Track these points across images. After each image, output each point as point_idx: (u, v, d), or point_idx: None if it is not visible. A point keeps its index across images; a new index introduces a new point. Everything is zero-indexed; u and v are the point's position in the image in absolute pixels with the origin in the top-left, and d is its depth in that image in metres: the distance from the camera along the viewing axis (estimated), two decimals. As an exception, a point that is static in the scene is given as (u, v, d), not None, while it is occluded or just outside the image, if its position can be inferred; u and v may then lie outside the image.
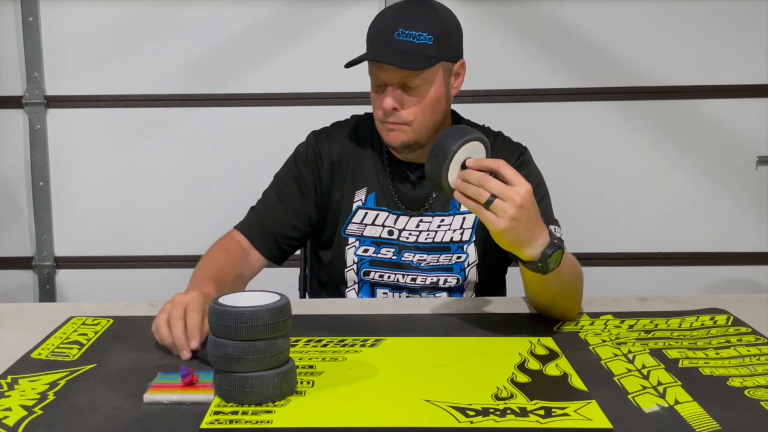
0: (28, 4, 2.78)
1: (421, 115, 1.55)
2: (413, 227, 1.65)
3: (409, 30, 1.49)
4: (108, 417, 1.07)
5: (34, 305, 2.54)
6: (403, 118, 1.54)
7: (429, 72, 1.52)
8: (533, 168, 1.69)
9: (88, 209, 2.89)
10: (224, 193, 2.80)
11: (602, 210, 2.81)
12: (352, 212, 1.66)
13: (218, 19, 2.77)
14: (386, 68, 1.51)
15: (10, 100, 2.82)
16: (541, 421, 1.04)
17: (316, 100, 2.74)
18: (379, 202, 1.66)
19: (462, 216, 1.65)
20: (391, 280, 1.66)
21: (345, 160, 1.67)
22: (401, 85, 1.53)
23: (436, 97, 1.55)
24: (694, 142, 2.78)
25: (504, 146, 1.68)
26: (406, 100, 1.54)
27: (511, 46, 2.73)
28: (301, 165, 1.68)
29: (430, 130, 1.58)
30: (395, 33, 1.49)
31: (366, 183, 1.66)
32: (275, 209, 1.67)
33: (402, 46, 1.49)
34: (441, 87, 1.56)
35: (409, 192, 1.66)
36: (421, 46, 1.50)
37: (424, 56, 1.50)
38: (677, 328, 1.41)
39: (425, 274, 1.65)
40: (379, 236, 1.65)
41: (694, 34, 2.72)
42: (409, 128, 1.56)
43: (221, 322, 1.09)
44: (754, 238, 2.82)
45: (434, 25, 1.52)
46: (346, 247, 1.66)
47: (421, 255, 1.65)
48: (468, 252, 1.64)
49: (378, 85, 1.56)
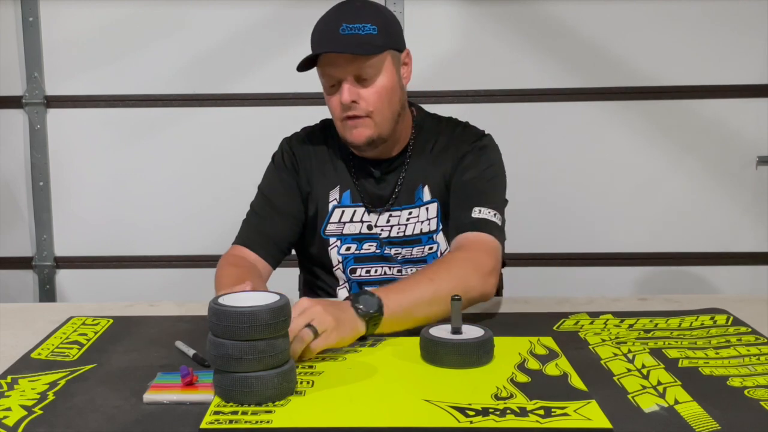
0: (28, 4, 2.78)
1: (379, 103, 1.57)
2: (384, 222, 1.67)
3: (353, 23, 1.52)
4: (108, 417, 1.07)
5: (34, 305, 2.54)
6: (363, 108, 1.56)
7: (379, 60, 1.55)
8: (490, 155, 1.68)
9: (88, 209, 2.89)
10: (224, 192, 2.80)
11: (602, 210, 2.81)
12: (329, 212, 1.68)
13: (218, 19, 2.77)
14: (338, 63, 1.53)
15: (10, 100, 2.82)
16: (540, 420, 1.04)
17: (316, 100, 2.71)
18: (354, 198, 1.68)
19: (425, 206, 1.66)
20: (378, 274, 1.67)
21: (317, 161, 1.70)
22: (355, 78, 1.54)
23: (390, 85, 1.57)
24: (694, 142, 2.78)
25: (464, 133, 1.71)
26: (363, 92, 1.56)
27: (512, 46, 2.73)
28: (282, 171, 1.70)
29: (389, 120, 1.60)
30: (339, 28, 1.51)
31: (338, 182, 1.69)
32: (271, 218, 1.68)
33: (349, 39, 1.51)
34: (393, 75, 1.58)
35: (373, 189, 1.68)
36: (367, 36, 1.52)
37: (371, 44, 1.53)
38: (677, 327, 1.41)
39: (405, 267, 1.67)
40: (359, 232, 1.68)
41: (694, 34, 2.72)
42: (370, 120, 1.57)
43: (221, 322, 1.09)
44: (754, 238, 2.82)
45: (375, 16, 1.55)
46: (329, 248, 1.68)
47: (396, 249, 1.67)
48: (438, 241, 1.67)
49: (332, 85, 1.57)
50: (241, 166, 2.78)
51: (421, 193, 1.67)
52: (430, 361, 1.24)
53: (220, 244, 1.74)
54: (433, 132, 1.70)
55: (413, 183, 1.67)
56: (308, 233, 1.70)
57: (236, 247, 1.67)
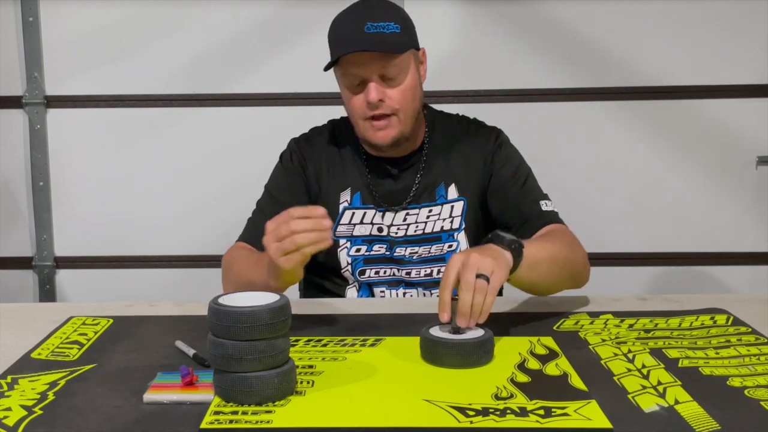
0: (28, 4, 2.77)
1: (404, 102, 1.57)
2: (400, 221, 1.67)
3: (377, 22, 1.52)
4: (108, 417, 1.07)
5: (34, 305, 2.54)
6: (389, 107, 1.56)
7: (404, 59, 1.55)
8: (511, 149, 1.73)
9: (88, 209, 2.88)
10: (224, 192, 2.80)
11: (602, 210, 2.81)
12: (339, 214, 1.67)
13: (218, 19, 2.77)
14: (363, 62, 1.52)
15: (10, 100, 2.82)
16: (540, 420, 1.04)
17: (316, 100, 2.73)
18: (365, 200, 1.67)
19: (450, 204, 1.67)
20: (387, 275, 1.67)
21: (327, 162, 1.70)
22: (380, 77, 1.54)
23: (413, 84, 1.58)
24: (694, 142, 2.78)
25: (479, 132, 1.72)
26: (388, 90, 1.56)
27: (511, 46, 2.73)
28: (290, 172, 1.70)
29: (412, 119, 1.61)
30: (364, 27, 1.51)
31: (349, 183, 1.68)
32: None
33: (375, 38, 1.51)
34: (415, 73, 1.59)
35: (391, 187, 1.68)
36: (392, 35, 1.52)
37: (398, 43, 1.53)
38: (677, 327, 1.41)
39: (419, 267, 1.66)
40: (370, 234, 1.67)
41: (694, 34, 2.71)
42: (396, 119, 1.57)
43: (221, 322, 1.09)
44: (754, 238, 2.82)
45: (397, 15, 1.56)
46: (338, 249, 1.67)
47: (412, 248, 1.66)
48: (459, 240, 1.66)
49: (356, 84, 1.56)
50: (241, 166, 2.79)
51: (443, 191, 1.67)
52: (430, 361, 1.24)
53: (220, 244, 1.74)
54: (446, 129, 1.71)
55: (433, 181, 1.67)
56: None
57: (240, 244, 1.66)
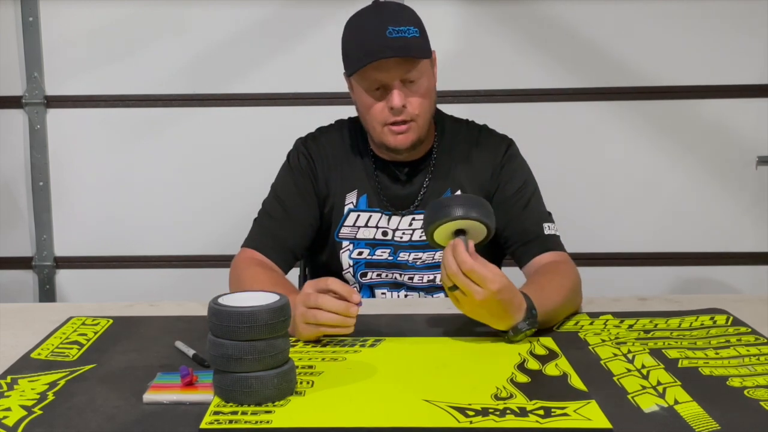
0: (28, 4, 2.77)
1: (423, 106, 1.56)
2: (406, 226, 1.65)
3: (399, 27, 1.51)
4: (108, 417, 1.07)
5: (34, 305, 2.54)
6: (410, 113, 1.55)
7: (424, 63, 1.54)
8: (521, 162, 1.70)
9: (88, 209, 2.89)
10: (224, 192, 2.80)
11: (602, 210, 2.81)
12: (344, 215, 1.66)
13: (218, 19, 2.77)
14: (386, 67, 1.51)
15: (10, 100, 2.82)
16: (540, 421, 1.04)
17: (316, 100, 2.74)
18: (371, 203, 1.66)
19: None
20: (389, 278, 1.66)
21: (334, 163, 1.68)
22: (402, 81, 1.53)
23: (431, 87, 1.58)
24: (694, 142, 2.78)
25: (489, 140, 1.70)
26: (410, 95, 1.54)
27: (511, 46, 2.73)
28: (297, 173, 1.67)
29: (428, 122, 1.61)
30: (386, 32, 1.50)
31: (356, 185, 1.66)
32: (285, 222, 1.63)
33: (399, 43, 1.50)
34: (432, 77, 1.58)
35: (399, 191, 1.66)
36: (413, 39, 1.51)
37: (421, 48, 1.53)
38: (677, 327, 1.41)
39: (422, 273, 1.65)
40: (374, 237, 1.66)
41: (694, 34, 2.71)
42: (415, 124, 1.56)
43: (220, 322, 1.09)
44: (754, 238, 2.82)
45: (414, 19, 1.55)
46: (341, 251, 1.66)
47: (416, 253, 1.65)
48: None
49: (377, 89, 1.54)
50: (241, 166, 2.79)
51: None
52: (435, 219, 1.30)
53: (220, 244, 1.74)
54: (455, 135, 1.69)
55: (441, 186, 1.65)
56: (321, 235, 1.68)
57: (247, 250, 1.62)
